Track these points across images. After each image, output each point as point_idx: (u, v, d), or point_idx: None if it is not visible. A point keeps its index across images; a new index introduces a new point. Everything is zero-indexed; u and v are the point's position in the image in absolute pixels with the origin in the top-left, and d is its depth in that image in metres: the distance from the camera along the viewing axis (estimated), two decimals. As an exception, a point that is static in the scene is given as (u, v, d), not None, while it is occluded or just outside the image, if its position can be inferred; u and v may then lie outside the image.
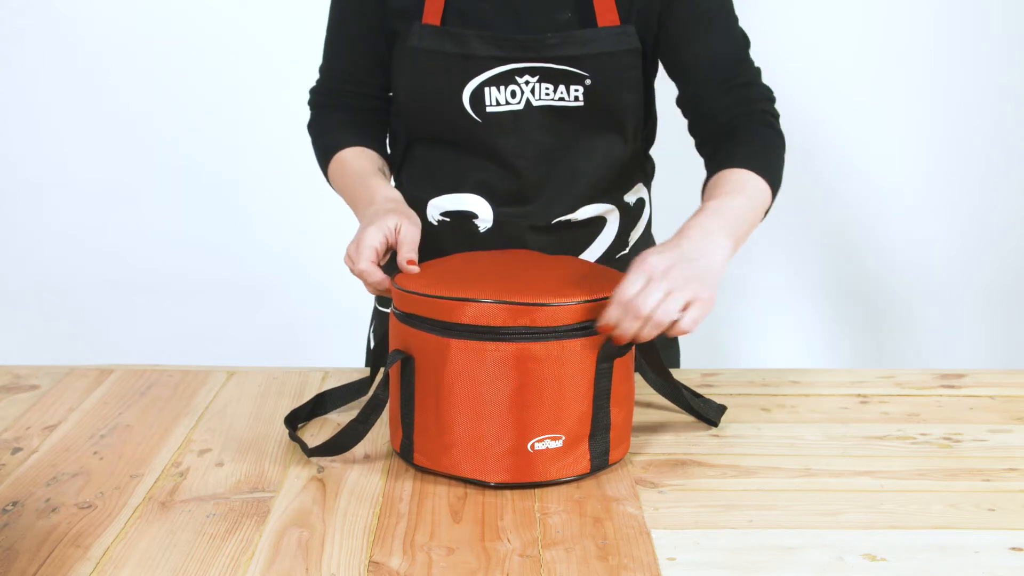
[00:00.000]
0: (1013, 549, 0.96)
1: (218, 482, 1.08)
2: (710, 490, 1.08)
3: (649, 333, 1.05)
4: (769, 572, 0.92)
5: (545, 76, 1.28)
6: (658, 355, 1.17)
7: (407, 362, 1.08)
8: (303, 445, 1.13)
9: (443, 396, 1.05)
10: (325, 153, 1.38)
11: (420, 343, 1.07)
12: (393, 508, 1.03)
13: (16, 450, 1.15)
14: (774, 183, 1.25)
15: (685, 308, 1.06)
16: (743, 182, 1.22)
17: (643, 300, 1.04)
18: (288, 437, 1.18)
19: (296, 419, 1.21)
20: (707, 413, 1.23)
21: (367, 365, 1.54)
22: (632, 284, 1.05)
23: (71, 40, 2.26)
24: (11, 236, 2.35)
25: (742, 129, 1.30)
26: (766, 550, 0.96)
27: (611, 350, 1.07)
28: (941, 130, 2.35)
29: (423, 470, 1.10)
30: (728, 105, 1.32)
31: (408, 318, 1.09)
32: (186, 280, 2.37)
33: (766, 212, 1.24)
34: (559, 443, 1.06)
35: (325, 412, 1.25)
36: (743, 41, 1.35)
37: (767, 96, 1.34)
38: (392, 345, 1.12)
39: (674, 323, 1.06)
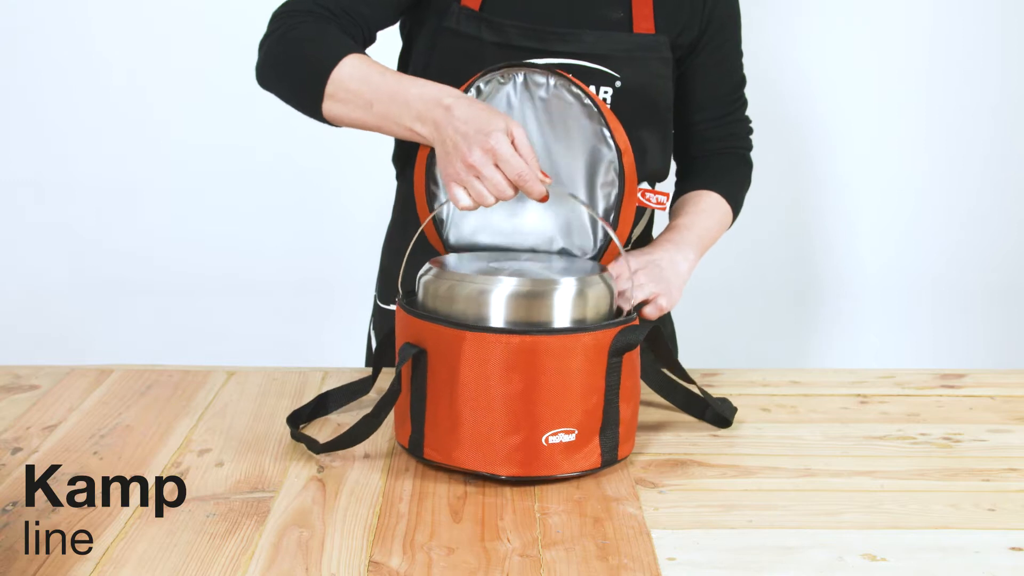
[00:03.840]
0: (1013, 549, 0.97)
1: (218, 482, 1.08)
2: (710, 490, 1.08)
3: None
4: (769, 572, 0.92)
5: (577, 74, 1.28)
6: (668, 349, 1.18)
7: (419, 356, 1.08)
8: (311, 442, 1.13)
9: (457, 389, 1.05)
10: (331, 54, 1.19)
11: (434, 337, 1.07)
12: (393, 508, 1.03)
13: (16, 450, 1.15)
14: (736, 207, 1.47)
15: (648, 301, 1.24)
16: (712, 204, 1.43)
17: None
18: (289, 437, 1.18)
19: (298, 419, 1.21)
20: (722, 411, 1.24)
21: (367, 365, 1.54)
22: None
23: (72, 36, 2.26)
24: (11, 235, 2.34)
25: (718, 159, 1.48)
26: (766, 550, 0.96)
27: (622, 344, 1.07)
28: (940, 130, 2.34)
29: (433, 465, 1.10)
30: (717, 138, 1.48)
31: (421, 312, 1.09)
32: (186, 280, 2.37)
33: (726, 229, 1.46)
34: (572, 436, 1.07)
35: (327, 412, 1.25)
36: (743, 79, 1.49)
37: (748, 131, 1.52)
38: (401, 339, 1.12)
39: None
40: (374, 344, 1.51)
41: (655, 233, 1.52)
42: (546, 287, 1.07)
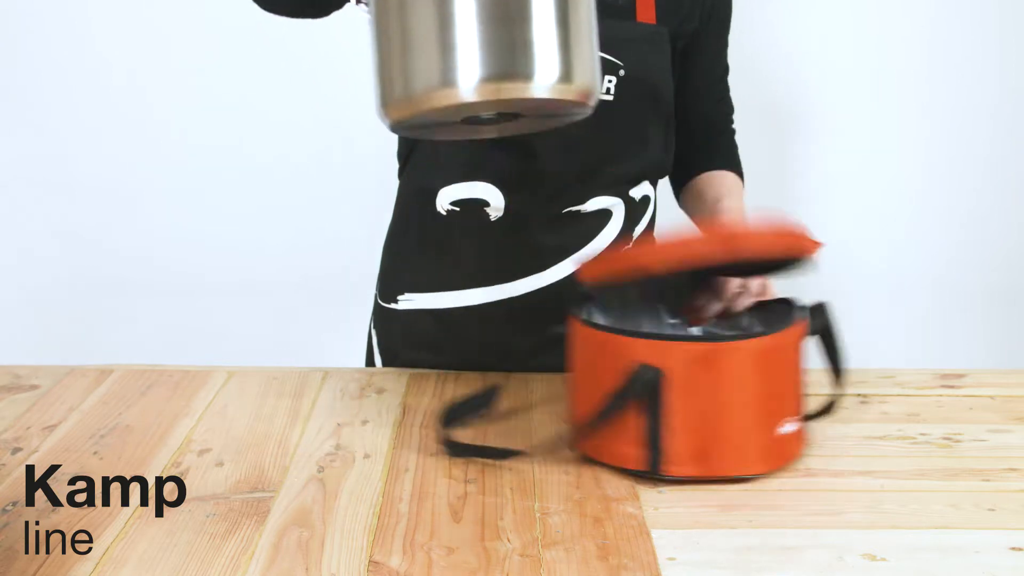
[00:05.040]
0: (1013, 549, 0.96)
1: (218, 482, 1.08)
2: (710, 490, 1.08)
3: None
4: (769, 572, 0.92)
5: None
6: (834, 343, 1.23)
7: (654, 377, 1.06)
8: (464, 448, 1.14)
9: (706, 401, 1.06)
10: None
11: (675, 355, 1.06)
12: (393, 508, 1.03)
13: (16, 450, 1.15)
14: (743, 181, 1.49)
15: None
16: (733, 182, 1.46)
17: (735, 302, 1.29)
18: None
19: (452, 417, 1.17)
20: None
21: (368, 365, 1.53)
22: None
23: (72, 36, 2.25)
24: (11, 235, 2.34)
25: (718, 139, 1.49)
26: (766, 550, 0.96)
27: (818, 326, 1.17)
28: (941, 130, 2.34)
29: (678, 480, 1.08)
30: (715, 120, 1.48)
31: (662, 334, 1.15)
32: (186, 280, 2.37)
33: None
34: (795, 426, 1.12)
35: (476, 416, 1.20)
36: (728, 67, 1.49)
37: (732, 109, 1.52)
38: (611, 357, 1.09)
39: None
40: (375, 343, 1.51)
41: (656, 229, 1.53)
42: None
